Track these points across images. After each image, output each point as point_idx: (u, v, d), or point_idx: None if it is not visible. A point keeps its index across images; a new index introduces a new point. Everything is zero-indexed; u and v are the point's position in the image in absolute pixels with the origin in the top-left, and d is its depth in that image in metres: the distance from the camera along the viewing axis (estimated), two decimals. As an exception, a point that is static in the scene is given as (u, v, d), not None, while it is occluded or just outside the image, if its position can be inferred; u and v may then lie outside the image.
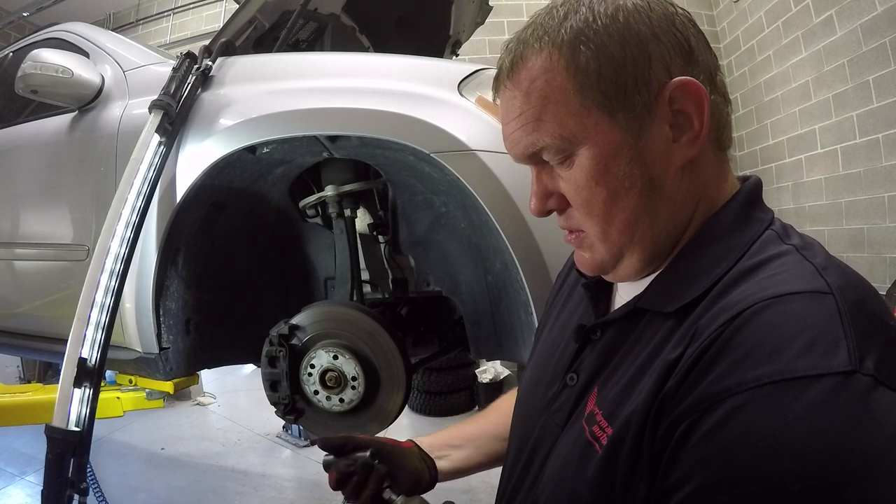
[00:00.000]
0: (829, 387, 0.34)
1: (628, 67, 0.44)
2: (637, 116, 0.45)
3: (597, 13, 0.45)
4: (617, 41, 0.44)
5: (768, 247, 0.45)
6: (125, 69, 1.72)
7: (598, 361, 0.52)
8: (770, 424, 0.34)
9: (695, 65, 0.46)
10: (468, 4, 2.46)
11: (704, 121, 0.45)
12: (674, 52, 0.45)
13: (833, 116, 3.57)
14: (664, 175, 0.46)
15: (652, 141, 0.46)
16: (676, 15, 0.47)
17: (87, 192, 1.64)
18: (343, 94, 1.30)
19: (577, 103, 0.45)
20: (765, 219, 0.48)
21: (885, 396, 0.34)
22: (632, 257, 0.50)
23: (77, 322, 1.23)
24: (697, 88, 0.45)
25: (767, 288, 0.40)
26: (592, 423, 0.47)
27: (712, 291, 0.44)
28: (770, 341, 0.37)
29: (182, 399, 4.51)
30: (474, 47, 4.15)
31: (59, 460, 1.14)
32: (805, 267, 0.42)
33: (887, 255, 3.24)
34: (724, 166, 0.51)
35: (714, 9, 4.89)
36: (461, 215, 1.35)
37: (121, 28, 5.65)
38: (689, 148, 0.46)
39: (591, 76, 0.45)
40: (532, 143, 0.48)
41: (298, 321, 1.36)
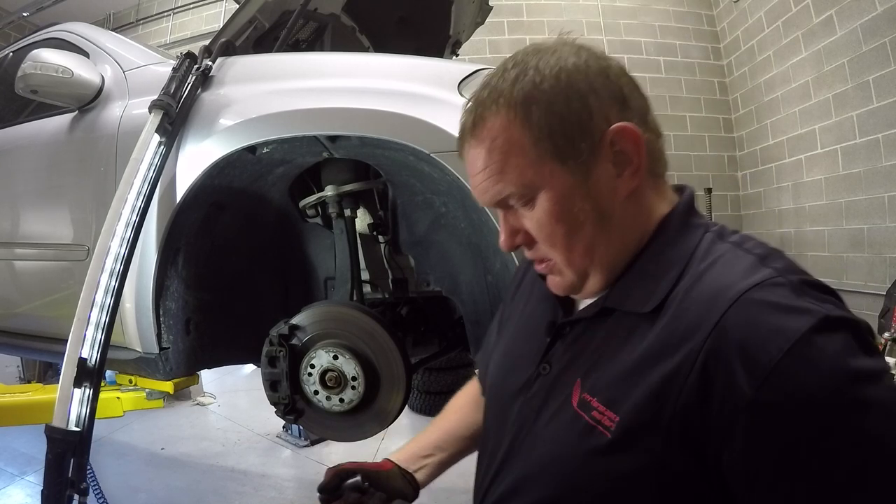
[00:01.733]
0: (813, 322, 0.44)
1: (573, 120, 0.53)
2: (584, 161, 0.54)
3: (543, 75, 0.53)
4: (562, 99, 0.53)
5: (713, 248, 0.54)
6: (125, 69, 1.72)
7: (571, 354, 0.60)
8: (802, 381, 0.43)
9: (628, 110, 0.55)
10: (468, 4, 2.46)
11: (641, 156, 0.55)
12: (610, 102, 0.54)
13: (833, 116, 3.57)
14: (612, 205, 0.56)
15: (599, 179, 0.55)
16: (610, 68, 0.56)
17: (87, 192, 1.64)
18: (343, 94, 1.30)
19: (534, 155, 0.54)
20: (701, 224, 0.58)
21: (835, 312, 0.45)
22: (595, 276, 0.58)
23: (77, 322, 1.23)
24: (633, 131, 0.54)
25: (730, 284, 0.49)
26: (589, 409, 0.54)
27: (676, 291, 0.52)
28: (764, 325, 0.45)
29: (182, 399, 4.51)
30: (474, 47, 4.15)
31: (59, 460, 1.14)
32: (746, 260, 0.51)
33: (887, 255, 3.24)
34: (661, 188, 0.60)
35: (714, 9, 4.89)
36: (461, 215, 1.35)
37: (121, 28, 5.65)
38: (631, 180, 0.55)
39: (544, 131, 0.53)
40: (499, 191, 0.56)
41: (298, 321, 1.36)
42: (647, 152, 0.55)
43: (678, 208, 0.59)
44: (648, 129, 0.56)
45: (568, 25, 4.74)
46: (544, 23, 4.81)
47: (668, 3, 4.86)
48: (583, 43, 0.58)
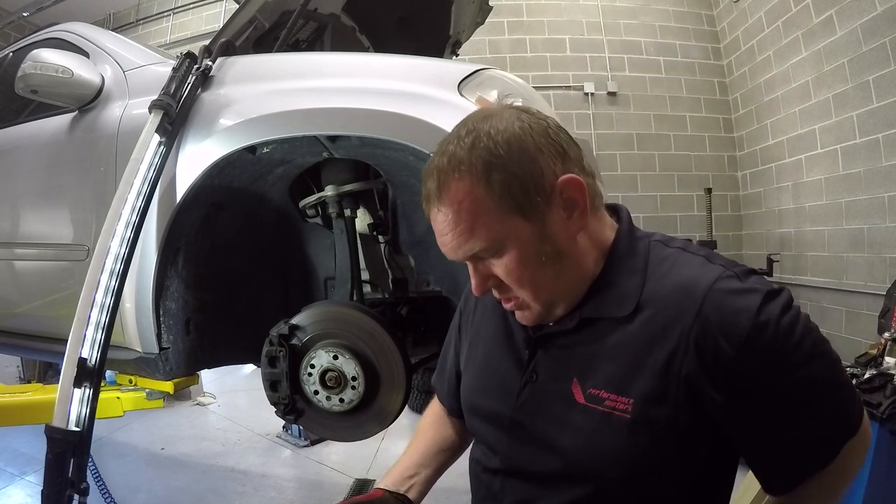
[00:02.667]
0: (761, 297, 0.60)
1: (528, 179, 0.61)
2: (541, 211, 0.62)
3: (496, 142, 0.61)
4: (516, 162, 0.61)
5: (663, 253, 0.67)
6: (125, 69, 1.72)
7: (556, 361, 0.69)
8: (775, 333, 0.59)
9: (569, 161, 0.64)
10: (468, 4, 2.46)
11: (586, 198, 0.64)
12: (554, 157, 0.62)
13: (833, 116, 3.57)
14: (567, 243, 0.65)
15: (553, 224, 0.63)
16: (549, 127, 0.64)
17: (87, 192, 1.64)
18: (343, 94, 1.30)
19: (497, 212, 0.62)
20: (643, 235, 0.70)
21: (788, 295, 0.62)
22: (560, 304, 0.68)
23: (77, 322, 1.23)
24: (576, 180, 0.63)
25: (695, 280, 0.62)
26: (599, 401, 0.64)
27: (646, 293, 0.64)
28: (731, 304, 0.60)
29: (182, 399, 4.51)
30: (474, 47, 4.15)
31: (59, 460, 1.14)
32: (696, 260, 0.65)
33: (887, 255, 3.24)
34: (601, 218, 0.70)
35: (714, 9, 4.89)
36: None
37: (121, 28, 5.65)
38: (580, 220, 0.65)
39: (504, 191, 0.61)
40: (470, 248, 0.64)
41: (298, 321, 1.36)
42: (589, 193, 0.64)
43: (622, 228, 0.70)
44: (585, 174, 0.65)
45: (568, 25, 4.76)
46: (544, 23, 4.81)
47: (668, 3, 4.86)
48: (519, 105, 0.70)
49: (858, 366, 2.44)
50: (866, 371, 2.34)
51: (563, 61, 4.75)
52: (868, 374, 2.31)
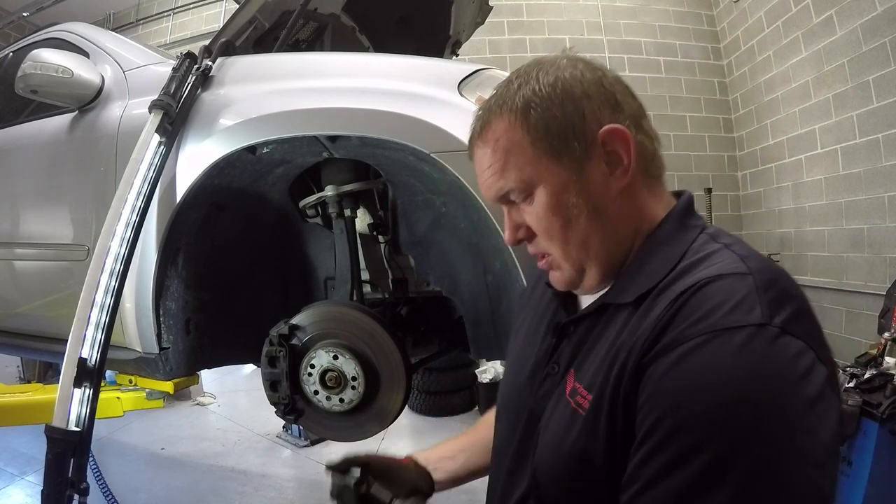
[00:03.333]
0: (747, 334, 0.47)
1: (567, 123, 0.58)
2: (578, 158, 0.59)
3: (542, 84, 0.59)
4: (557, 103, 0.58)
5: (705, 246, 0.58)
6: (125, 69, 1.72)
7: (574, 350, 0.64)
8: (708, 362, 0.48)
9: (620, 114, 0.60)
10: (468, 4, 2.46)
11: (631, 156, 0.59)
12: (602, 106, 0.59)
13: (833, 116, 3.57)
14: (605, 201, 0.60)
15: (591, 176, 0.59)
16: (605, 77, 0.61)
17: (87, 192, 1.64)
18: (343, 94, 1.30)
19: (531, 153, 0.59)
20: (698, 225, 0.62)
21: (791, 342, 0.48)
22: (592, 270, 0.62)
23: (77, 322, 1.23)
24: (623, 132, 0.58)
25: (706, 273, 0.54)
26: (575, 395, 0.59)
27: (664, 281, 0.56)
28: (706, 306, 0.50)
29: (182, 399, 4.51)
30: (474, 47, 4.15)
31: (59, 460, 1.15)
32: (732, 257, 0.55)
33: (887, 255, 3.24)
34: (657, 190, 0.64)
35: (714, 9, 4.88)
36: (461, 215, 1.35)
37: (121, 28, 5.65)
38: (622, 178, 0.60)
39: (540, 132, 0.59)
40: (501, 187, 0.62)
41: (298, 321, 1.36)
42: (639, 154, 0.60)
43: (675, 210, 0.63)
44: (641, 133, 0.61)
45: (568, 25, 4.75)
46: (544, 23, 4.81)
47: (668, 3, 4.86)
48: (582, 56, 0.63)
49: (858, 366, 2.44)
50: (866, 371, 2.34)
51: (563, 61, 4.74)
52: (868, 374, 2.31)
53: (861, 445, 2.17)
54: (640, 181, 0.61)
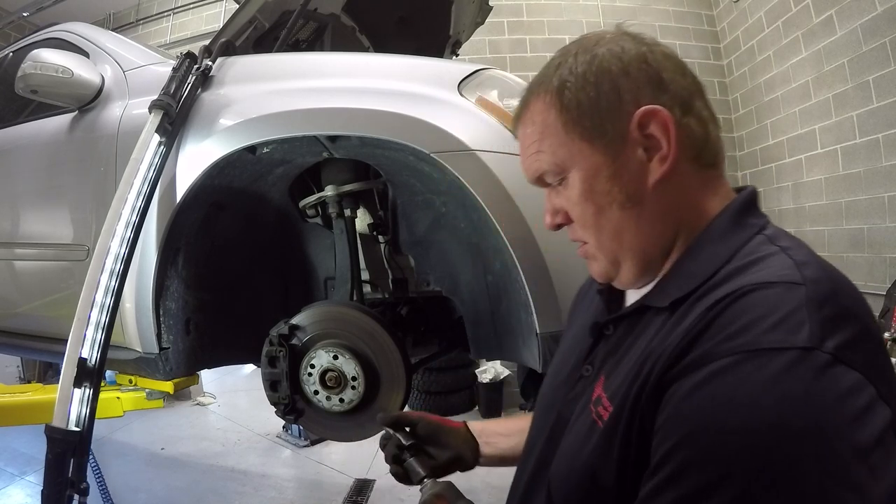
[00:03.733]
0: (789, 359, 0.40)
1: (601, 103, 0.54)
2: (612, 142, 0.54)
3: (579, 62, 0.55)
4: (592, 83, 0.54)
5: (758, 248, 0.51)
6: (125, 69, 1.72)
7: (607, 354, 0.59)
8: (737, 389, 0.40)
9: (665, 93, 0.54)
10: (468, 4, 2.46)
11: (671, 142, 0.52)
12: (643, 84, 0.53)
13: (833, 116, 3.57)
14: (641, 190, 0.54)
15: (628, 161, 0.54)
16: (651, 52, 0.55)
17: (87, 192, 1.64)
18: (343, 94, 1.30)
19: (564, 135, 0.56)
20: (757, 224, 0.54)
21: (844, 372, 0.40)
22: (627, 263, 0.57)
23: (77, 322, 1.23)
24: (661, 114, 0.52)
25: (751, 279, 0.47)
26: (598, 404, 0.54)
27: (704, 286, 0.50)
28: (744, 319, 0.43)
29: (182, 399, 4.51)
30: (474, 47, 4.14)
31: (59, 460, 1.14)
32: (786, 262, 0.48)
33: (887, 255, 3.24)
34: (711, 181, 0.57)
35: (714, 9, 4.88)
36: (461, 215, 1.35)
37: (121, 28, 5.64)
38: (661, 166, 0.53)
39: (573, 112, 0.55)
40: (536, 169, 0.59)
41: (298, 321, 1.36)
42: (685, 139, 0.53)
43: (732, 205, 0.56)
44: (691, 115, 0.54)
45: (568, 25, 4.75)
46: (544, 23, 4.81)
47: (668, 3, 4.85)
48: (629, 31, 0.58)
49: (858, 366, 2.44)
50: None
51: (563, 61, 4.74)
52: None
53: (861, 445, 2.16)
54: (688, 170, 0.54)
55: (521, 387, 4.08)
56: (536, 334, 1.17)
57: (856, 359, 0.40)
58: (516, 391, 4.13)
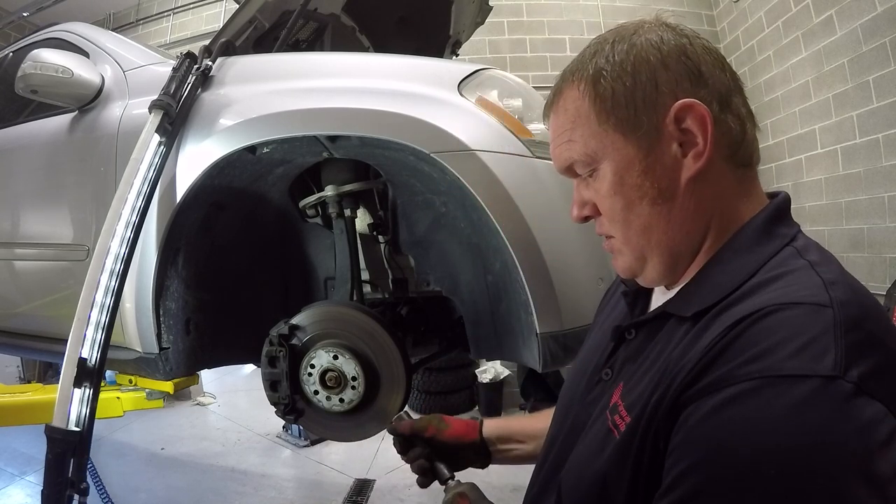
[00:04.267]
0: (811, 388, 0.38)
1: (638, 94, 0.52)
2: (646, 135, 0.52)
3: (616, 51, 0.54)
4: (629, 72, 0.52)
5: (787, 262, 0.49)
6: (125, 69, 1.72)
7: (628, 359, 0.58)
8: (754, 416, 0.39)
9: (703, 87, 0.52)
10: (468, 4, 2.46)
11: (708, 138, 0.51)
12: (682, 77, 0.51)
13: (833, 116, 3.57)
14: (673, 187, 0.52)
15: (662, 156, 0.52)
16: (690, 45, 0.53)
17: (87, 192, 1.64)
18: (343, 94, 1.30)
19: (597, 126, 0.54)
20: (788, 234, 0.52)
21: (866, 404, 0.38)
22: (653, 260, 0.56)
23: (77, 322, 1.23)
24: (699, 109, 0.50)
25: (776, 297, 0.44)
26: (615, 412, 0.53)
27: (728, 299, 0.48)
28: (766, 342, 0.41)
29: (182, 399, 4.51)
30: (474, 47, 4.14)
31: (59, 460, 1.14)
32: (814, 280, 0.45)
33: (887, 255, 3.24)
34: (745, 182, 0.54)
35: (714, 9, 4.88)
36: (461, 215, 1.35)
37: (121, 28, 5.64)
38: (696, 162, 0.51)
39: (608, 103, 0.53)
40: (566, 158, 0.57)
41: (298, 321, 1.36)
42: (724, 136, 0.52)
43: (762, 212, 0.53)
44: (729, 111, 0.52)
45: (568, 25, 4.75)
46: (544, 23, 4.80)
47: (667, 3, 4.85)
48: (669, 21, 0.56)
49: (858, 366, 2.44)
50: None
51: (563, 61, 4.63)
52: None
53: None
54: (724, 169, 0.52)
55: (521, 387, 4.10)
56: (536, 334, 1.17)
57: (880, 389, 0.39)
58: (516, 391, 4.14)
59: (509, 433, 0.88)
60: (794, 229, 0.53)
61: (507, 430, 0.88)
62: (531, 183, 1.17)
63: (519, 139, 1.21)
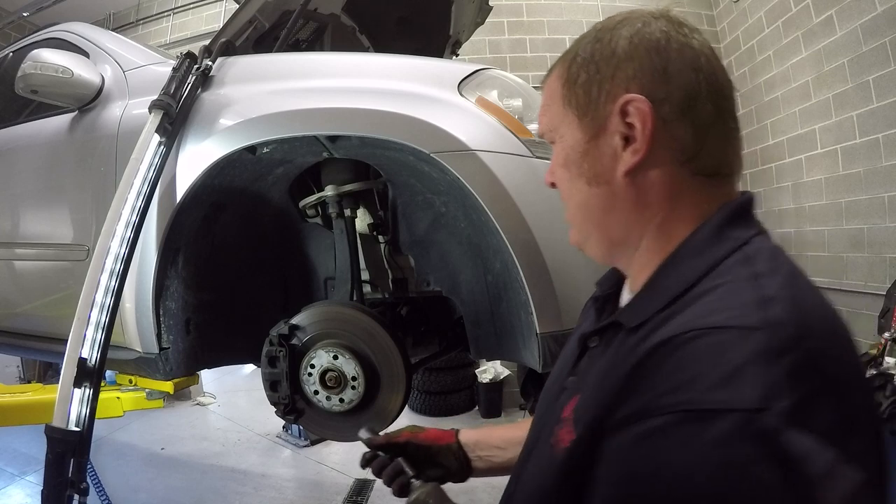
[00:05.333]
0: (732, 423, 0.35)
1: (595, 82, 0.54)
2: (594, 121, 0.54)
3: (595, 38, 0.55)
4: (595, 61, 0.54)
5: (730, 270, 0.46)
6: (125, 69, 1.72)
7: (585, 369, 0.56)
8: (672, 455, 0.37)
9: (664, 86, 0.51)
10: (468, 4, 2.46)
11: (646, 135, 0.50)
12: (643, 72, 0.51)
13: (833, 116, 3.57)
14: (609, 175, 0.53)
15: (603, 144, 0.54)
16: (667, 42, 0.52)
17: (87, 192, 1.64)
18: (343, 94, 1.30)
19: (561, 106, 0.57)
20: (741, 237, 0.49)
21: (795, 438, 0.35)
22: (592, 238, 0.58)
23: (77, 322, 1.23)
24: (641, 105, 0.50)
25: (704, 316, 0.42)
26: (564, 426, 0.51)
27: (666, 311, 0.46)
28: (689, 372, 0.39)
29: (182, 399, 4.51)
30: (474, 47, 4.14)
31: (59, 460, 1.14)
32: (747, 298, 0.42)
33: (887, 255, 3.23)
34: (707, 188, 0.52)
35: (714, 9, 4.88)
36: (461, 215, 1.35)
37: (121, 28, 5.64)
38: (631, 157, 0.52)
39: (573, 84, 0.56)
40: (541, 127, 0.62)
41: (298, 321, 1.36)
42: (672, 139, 0.50)
43: (716, 217, 0.51)
44: (688, 116, 0.50)
45: (568, 25, 4.75)
46: (544, 23, 4.80)
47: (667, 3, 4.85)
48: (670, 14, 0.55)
49: (858, 366, 2.44)
50: (866, 371, 2.34)
51: (563, 61, 4.74)
52: (868, 374, 2.32)
53: (861, 445, 2.17)
54: (678, 172, 0.51)
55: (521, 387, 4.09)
56: (536, 334, 1.17)
57: (813, 419, 0.35)
58: (516, 391, 4.14)
59: (488, 440, 0.86)
60: (750, 232, 0.50)
61: (485, 437, 0.87)
62: (531, 183, 1.17)
63: (519, 139, 1.21)
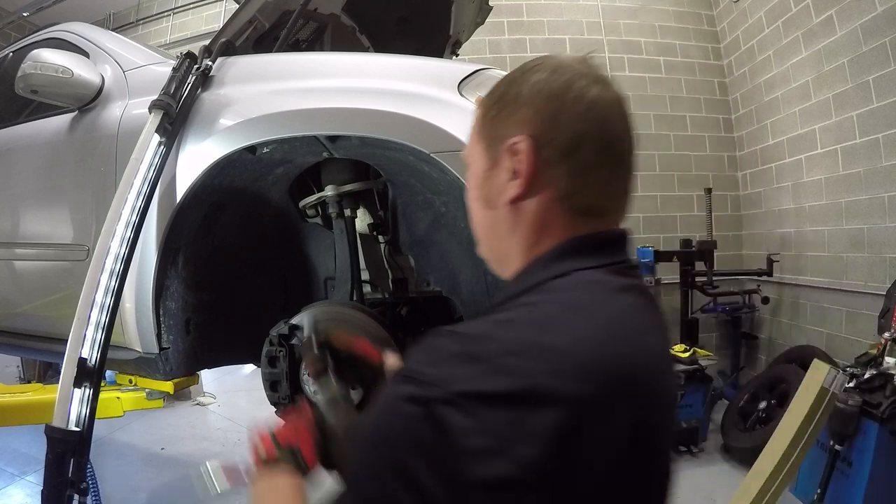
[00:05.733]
0: (416, 385, 0.46)
1: (499, 120, 0.61)
2: (493, 155, 0.61)
3: (511, 80, 0.61)
4: (503, 101, 0.61)
5: (520, 298, 0.54)
6: (125, 69, 1.72)
7: None
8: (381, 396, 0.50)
9: (553, 131, 0.57)
10: (468, 4, 2.46)
11: (524, 173, 0.57)
12: (537, 117, 0.57)
13: (833, 116, 3.57)
14: (496, 202, 0.61)
15: (496, 175, 0.61)
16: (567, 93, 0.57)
17: (87, 192, 1.64)
18: (343, 94, 1.30)
19: (475, 136, 0.65)
20: (559, 269, 0.55)
21: (451, 413, 0.44)
22: (485, 254, 0.67)
23: (77, 322, 1.23)
24: (521, 148, 0.57)
25: (467, 325, 0.52)
26: None
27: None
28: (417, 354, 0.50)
29: (182, 399, 4.51)
30: (474, 47, 4.15)
31: (59, 460, 1.15)
32: (502, 317, 0.51)
33: (887, 255, 3.23)
34: (578, 224, 0.58)
35: (714, 9, 4.88)
36: (461, 215, 1.35)
37: (121, 28, 5.64)
38: (513, 190, 0.58)
39: (484, 120, 0.63)
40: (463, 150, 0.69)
41: (298, 321, 1.36)
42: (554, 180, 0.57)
43: (550, 251, 0.57)
44: (569, 160, 0.56)
45: (568, 25, 4.75)
46: (544, 23, 4.81)
47: (668, 3, 4.85)
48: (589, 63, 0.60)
49: (858, 366, 2.44)
50: (866, 371, 2.34)
51: (563, 61, 4.73)
52: (868, 374, 2.31)
53: (861, 446, 2.17)
54: (555, 208, 0.57)
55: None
56: (536, 334, 1.17)
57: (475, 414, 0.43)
58: (516, 391, 4.12)
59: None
60: (573, 265, 0.55)
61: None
62: (531, 183, 1.17)
63: (519, 139, 1.21)
